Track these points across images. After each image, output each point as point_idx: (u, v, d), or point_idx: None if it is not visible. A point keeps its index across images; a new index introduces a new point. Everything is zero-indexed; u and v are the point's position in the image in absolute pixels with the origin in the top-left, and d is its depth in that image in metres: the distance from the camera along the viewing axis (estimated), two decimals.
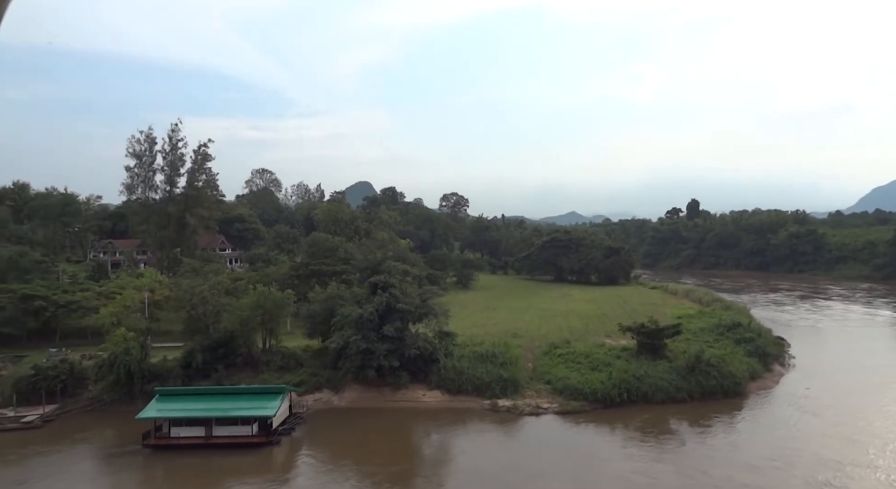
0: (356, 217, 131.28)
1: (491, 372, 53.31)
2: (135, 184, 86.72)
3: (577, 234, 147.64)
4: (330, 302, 59.28)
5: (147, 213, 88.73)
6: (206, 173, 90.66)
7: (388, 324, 53.64)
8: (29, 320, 62.94)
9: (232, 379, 54.59)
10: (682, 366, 52.20)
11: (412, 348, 53.35)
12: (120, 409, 52.21)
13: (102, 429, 49.85)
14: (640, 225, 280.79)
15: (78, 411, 51.77)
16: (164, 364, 55.02)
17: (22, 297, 61.98)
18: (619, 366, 53.06)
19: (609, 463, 41.61)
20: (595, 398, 50.06)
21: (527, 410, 49.82)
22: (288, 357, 57.92)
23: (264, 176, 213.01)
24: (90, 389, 53.37)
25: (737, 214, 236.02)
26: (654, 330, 55.45)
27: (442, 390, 53.49)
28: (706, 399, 51.36)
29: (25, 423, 48.10)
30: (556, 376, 53.62)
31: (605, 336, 68.29)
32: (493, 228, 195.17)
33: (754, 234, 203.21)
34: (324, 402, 53.23)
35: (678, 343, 58.16)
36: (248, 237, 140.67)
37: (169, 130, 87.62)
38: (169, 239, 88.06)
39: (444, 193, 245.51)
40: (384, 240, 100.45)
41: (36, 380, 51.62)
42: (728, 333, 62.91)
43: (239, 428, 44.28)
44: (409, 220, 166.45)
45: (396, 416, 50.87)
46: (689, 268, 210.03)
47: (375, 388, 54.03)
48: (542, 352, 61.10)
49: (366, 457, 43.33)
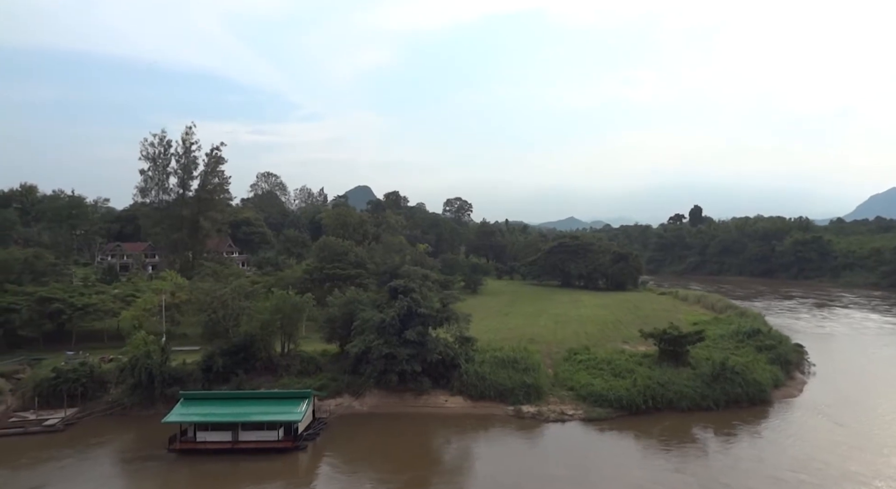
0: (364, 221, 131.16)
1: (513, 377, 53.08)
2: (148, 187, 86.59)
3: (585, 239, 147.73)
4: (349, 306, 59.03)
5: (160, 215, 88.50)
6: (219, 176, 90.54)
7: (409, 328, 53.43)
8: (46, 323, 62.57)
9: (252, 383, 54.33)
10: (707, 373, 52.00)
11: (434, 353, 53.13)
12: (140, 413, 51.94)
13: (124, 433, 49.44)
14: (643, 230, 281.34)
15: (98, 414, 51.44)
16: (184, 367, 54.70)
17: (39, 300, 61.64)
18: (642, 372, 52.87)
19: (630, 472, 41.24)
20: (620, 405, 49.82)
21: (552, 417, 49.54)
22: (307, 361, 57.65)
23: (269, 179, 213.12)
24: (111, 392, 52.99)
25: (740, 221, 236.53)
26: (676, 336, 55.30)
27: (464, 396, 53.22)
28: (731, 407, 51.15)
29: (47, 427, 47.74)
30: (578, 382, 53.39)
31: (622, 342, 68.20)
32: (497, 233, 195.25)
33: (759, 241, 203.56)
34: (345, 407, 52.91)
35: (699, 350, 58.01)
36: (254, 241, 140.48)
37: (183, 133, 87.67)
38: (182, 242, 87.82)
39: (448, 198, 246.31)
40: (401, 244, 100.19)
41: (56, 383, 51.32)
42: (748, 340, 62.79)
43: (265, 433, 43.96)
44: (415, 225, 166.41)
45: (419, 422, 50.56)
46: (694, 274, 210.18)
47: (397, 394, 53.76)
48: (561, 357, 60.89)
49: (389, 463, 43.02)
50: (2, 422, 48.50)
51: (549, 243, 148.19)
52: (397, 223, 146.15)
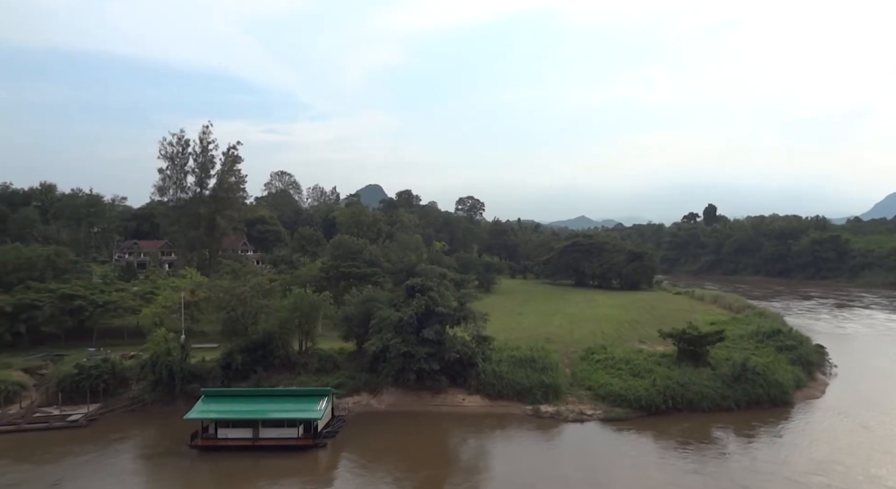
0: (378, 220, 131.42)
1: (531, 377, 52.93)
2: (166, 185, 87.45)
3: (599, 238, 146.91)
4: (366, 304, 59.20)
5: (178, 214, 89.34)
6: (235, 175, 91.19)
7: (427, 327, 53.49)
8: (67, 320, 63.41)
9: (270, 380, 54.69)
10: (728, 373, 51.51)
11: (452, 352, 53.14)
12: (161, 409, 52.48)
13: (145, 429, 50.00)
14: (656, 229, 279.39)
15: (120, 410, 52.05)
16: (204, 365, 55.18)
17: (61, 297, 62.48)
18: (661, 372, 52.48)
19: (648, 473, 40.91)
20: (639, 405, 49.52)
21: (571, 417, 49.36)
22: (325, 359, 57.91)
23: (283, 178, 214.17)
24: (132, 389, 53.60)
25: (756, 220, 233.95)
26: (696, 336, 54.81)
27: (482, 395, 53.17)
28: (752, 408, 50.64)
29: (71, 422, 48.41)
30: (597, 382, 53.14)
31: (639, 342, 67.76)
32: (510, 232, 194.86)
33: (775, 240, 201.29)
34: (363, 405, 53.09)
35: (718, 350, 57.47)
36: (269, 239, 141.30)
37: (200, 133, 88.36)
38: (199, 240, 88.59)
39: (460, 197, 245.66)
40: (417, 242, 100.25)
41: (79, 379, 52.01)
42: (768, 341, 62.11)
43: (285, 430, 44.24)
44: (428, 223, 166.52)
45: (437, 421, 50.60)
46: (708, 273, 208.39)
47: (414, 392, 53.82)
48: (578, 357, 60.62)
49: (407, 461, 43.08)
50: (27, 417, 49.23)
51: (563, 242, 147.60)
52: (410, 222, 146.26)
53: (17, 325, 60.07)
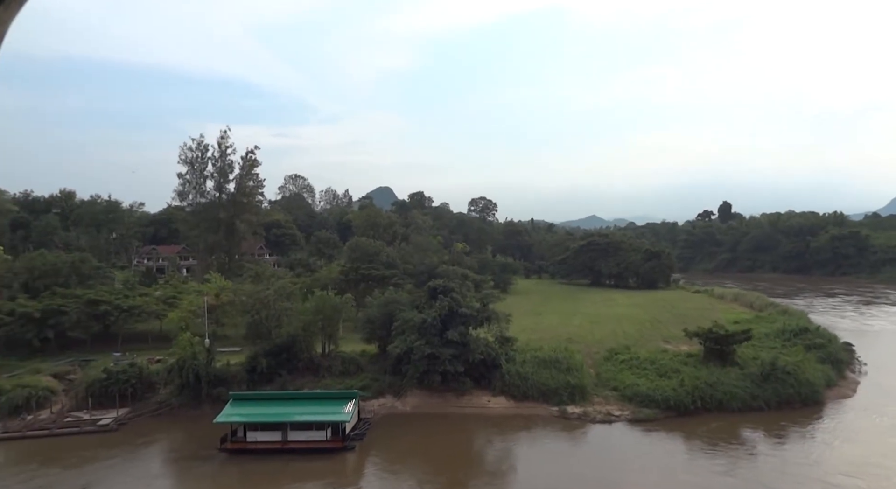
0: (393, 222, 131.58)
1: (556, 378, 52.65)
2: (186, 190, 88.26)
3: (615, 237, 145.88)
4: (388, 307, 59.23)
5: (197, 218, 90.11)
6: (254, 179, 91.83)
7: (450, 329, 53.39)
8: (94, 325, 64.12)
9: (294, 383, 54.86)
10: (757, 372, 50.87)
11: (476, 353, 53.00)
12: (188, 413, 52.83)
13: (173, 433, 50.40)
14: (671, 228, 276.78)
15: (147, 414, 52.45)
16: (229, 368, 55.50)
17: (87, 302, 63.20)
18: (689, 372, 51.96)
19: (677, 474, 40.55)
20: (668, 406, 49.06)
21: (598, 417, 49.02)
22: (348, 362, 58.00)
23: (297, 181, 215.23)
24: (160, 393, 54.03)
25: (773, 217, 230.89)
26: (723, 335, 54.18)
27: (507, 396, 52.98)
28: (782, 407, 49.98)
29: (101, 426, 48.87)
30: (623, 383, 52.73)
31: (662, 341, 67.16)
32: (524, 232, 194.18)
33: (792, 237, 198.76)
34: (388, 407, 53.10)
35: (745, 349, 56.77)
36: (285, 242, 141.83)
37: (218, 137, 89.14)
38: (218, 244, 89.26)
39: (473, 197, 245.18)
40: (437, 244, 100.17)
41: (107, 384, 52.51)
42: (795, 339, 61.23)
43: (313, 433, 44.36)
44: (442, 225, 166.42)
45: (463, 422, 50.48)
46: (725, 271, 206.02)
47: (439, 394, 53.74)
48: (602, 357, 60.21)
49: (433, 463, 43.03)
50: (58, 421, 49.78)
51: (578, 242, 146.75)
52: (424, 223, 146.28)
53: (45, 331, 60.86)
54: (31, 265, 69.52)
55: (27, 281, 68.01)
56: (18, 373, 55.56)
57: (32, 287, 67.04)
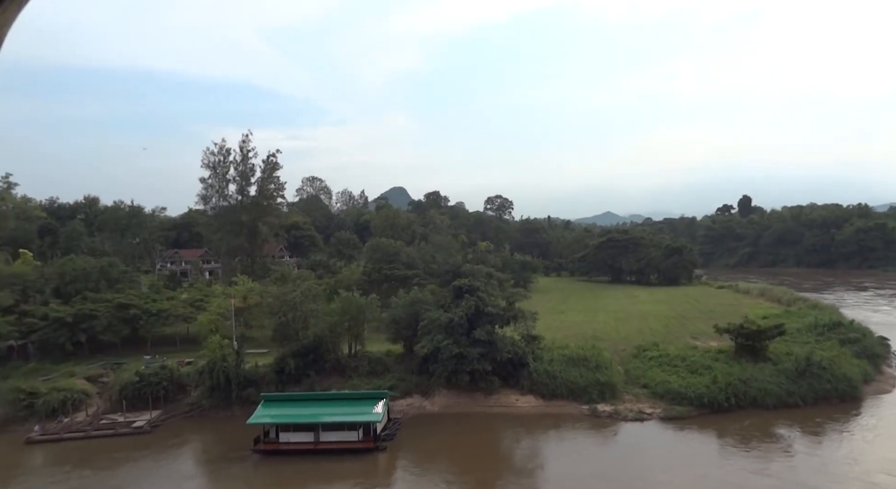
0: (412, 222, 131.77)
1: (585, 376, 52.24)
2: (209, 194, 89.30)
3: (635, 233, 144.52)
4: (414, 306, 59.25)
5: (220, 222, 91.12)
6: (275, 182, 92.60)
7: (477, 328, 53.25)
8: (124, 328, 65.08)
9: (323, 384, 55.11)
10: (791, 368, 49.96)
11: (503, 352, 52.80)
12: (218, 414, 53.35)
13: (205, 434, 50.98)
14: (689, 223, 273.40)
15: (179, 416, 53.07)
16: (257, 370, 55.92)
17: (118, 306, 64.18)
18: (721, 369, 51.18)
19: (710, 472, 39.84)
20: (701, 403, 48.38)
21: (630, 416, 48.52)
22: (375, 362, 58.11)
23: (315, 183, 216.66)
24: (191, 395, 54.65)
25: (795, 210, 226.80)
26: (754, 331, 53.31)
27: (535, 395, 52.69)
28: (819, 404, 49.01)
29: (135, 428, 49.58)
30: (653, 380, 52.16)
31: (690, 337, 66.36)
32: (541, 230, 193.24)
33: (816, 230, 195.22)
34: (416, 408, 53.11)
35: (777, 344, 55.79)
36: (304, 244, 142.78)
37: (240, 141, 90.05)
38: (241, 247, 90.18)
39: (489, 196, 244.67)
40: (458, 242, 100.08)
41: (140, 387, 53.24)
42: (829, 333, 60.07)
43: (345, 433, 44.51)
44: (459, 224, 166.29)
45: (491, 422, 50.30)
46: (746, 266, 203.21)
47: (467, 393, 53.62)
48: (629, 354, 59.64)
49: (464, 463, 42.83)
50: (93, 424, 50.61)
51: (598, 239, 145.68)
52: (442, 223, 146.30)
53: (77, 335, 61.92)
54: (62, 270, 70.79)
55: (58, 286, 69.28)
56: (53, 376, 56.58)
57: (64, 292, 68.26)
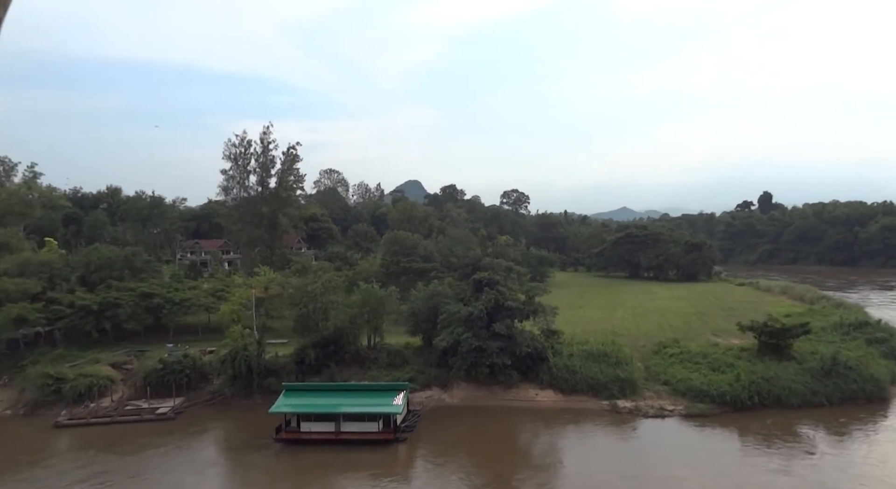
0: (429, 215, 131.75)
1: (605, 371, 51.96)
2: (230, 185, 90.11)
3: (654, 229, 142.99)
4: (433, 299, 59.32)
5: (241, 213, 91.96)
6: (294, 174, 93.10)
7: (497, 321, 53.17)
8: (147, 317, 66.11)
9: (342, 375, 55.50)
10: (816, 367, 49.16)
11: (523, 346, 52.68)
12: (240, 403, 54.07)
13: (227, 422, 51.65)
14: (708, 219, 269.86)
15: (202, 404, 53.87)
16: (278, 360, 56.49)
17: (141, 295, 65.19)
18: (744, 366, 50.56)
19: (731, 471, 39.43)
20: (723, 401, 47.85)
21: (651, 412, 48.20)
22: (394, 354, 58.39)
23: (332, 176, 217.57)
24: (213, 383, 55.40)
25: (817, 206, 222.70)
26: (779, 329, 52.52)
27: (554, 389, 52.57)
28: (845, 404, 48.23)
29: (159, 415, 50.44)
30: (673, 376, 51.70)
31: (711, 334, 65.64)
32: (558, 225, 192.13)
33: (839, 227, 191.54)
34: (436, 400, 53.28)
35: (802, 343, 54.93)
36: (321, 236, 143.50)
37: (261, 133, 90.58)
38: (261, 238, 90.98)
39: (505, 190, 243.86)
40: (477, 236, 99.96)
41: (164, 374, 54.13)
42: (855, 333, 58.96)
43: (365, 424, 44.80)
44: (476, 218, 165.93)
45: (511, 416, 50.30)
46: (766, 263, 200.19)
47: (486, 387, 53.67)
48: (649, 351, 59.17)
49: (482, 456, 42.86)
50: (119, 410, 51.60)
51: (615, 234, 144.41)
52: (459, 216, 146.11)
53: (102, 322, 63.06)
54: (87, 259, 72.04)
55: (84, 274, 70.54)
56: (79, 362, 57.73)
57: (89, 280, 69.49)
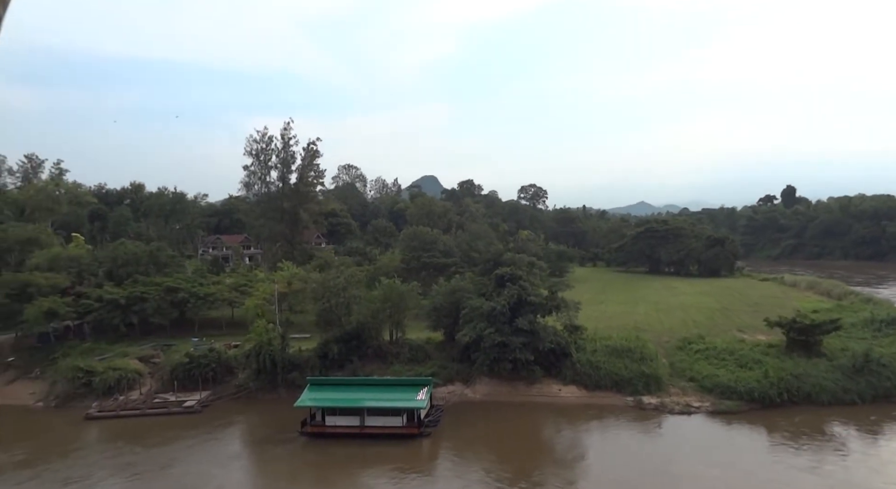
0: (448, 210, 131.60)
1: (630, 367, 51.49)
2: (252, 181, 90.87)
3: (675, 223, 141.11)
4: (455, 295, 59.24)
5: (262, 208, 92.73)
6: (315, 169, 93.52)
7: (519, 317, 52.92)
8: (173, 311, 67.09)
9: (365, 370, 55.76)
10: (847, 364, 48.10)
11: (546, 342, 52.38)
12: (264, 396, 54.62)
13: (251, 416, 52.24)
14: (729, 213, 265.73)
15: (227, 397, 54.54)
16: (301, 354, 56.92)
17: (167, 290, 66.15)
18: (772, 363, 49.68)
19: (759, 469, 38.70)
20: (751, 397, 47.09)
21: (676, 409, 47.66)
22: (415, 349, 58.50)
23: (350, 171, 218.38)
24: (238, 377, 56.04)
25: (843, 200, 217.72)
26: (808, 325, 51.47)
27: (578, 385, 52.24)
28: (877, 402, 47.16)
29: (187, 408, 51.19)
30: (699, 373, 51.02)
31: (736, 330, 64.62)
32: (577, 220, 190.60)
33: (867, 222, 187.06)
34: (458, 395, 53.28)
35: (831, 339, 53.82)
36: (340, 231, 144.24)
37: (282, 129, 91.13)
38: (282, 233, 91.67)
39: (523, 185, 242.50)
40: (497, 231, 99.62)
41: (190, 368, 54.90)
42: (887, 329, 57.55)
43: (390, 418, 45.00)
44: (494, 212, 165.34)
45: (534, 411, 50.11)
46: (790, 258, 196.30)
47: (508, 382, 53.52)
48: (673, 346, 58.47)
49: (503, 452, 42.80)
50: (147, 402, 52.49)
51: (635, 229, 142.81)
52: (477, 211, 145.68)
53: (130, 316, 64.18)
54: (114, 254, 73.32)
55: (111, 269, 71.80)
56: (108, 356, 58.83)
57: (116, 275, 70.71)
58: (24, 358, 61.38)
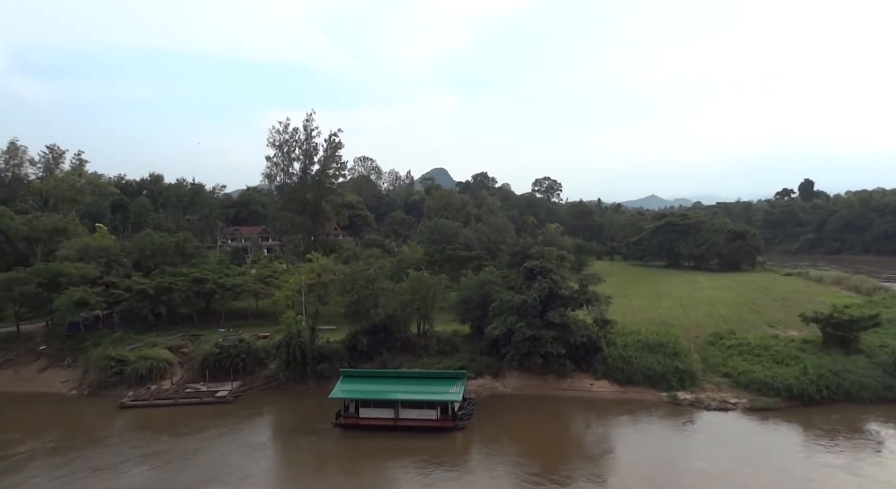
0: (466, 203, 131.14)
1: (663, 362, 50.97)
2: (274, 173, 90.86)
3: (695, 217, 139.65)
4: (484, 288, 58.93)
5: (286, 200, 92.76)
6: (336, 161, 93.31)
7: (550, 310, 52.50)
8: (199, 302, 67.37)
9: (394, 362, 55.72)
10: (889, 361, 47.31)
11: (578, 336, 51.96)
12: (294, 388, 54.75)
13: (281, 406, 52.33)
14: (745, 207, 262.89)
15: (257, 388, 54.73)
16: (329, 346, 56.91)
17: (194, 280, 66.38)
18: (810, 360, 48.94)
19: (794, 468, 38.06)
20: (790, 394, 46.43)
21: (712, 405, 47.12)
22: (444, 342, 58.36)
23: (366, 163, 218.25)
24: (268, 367, 56.18)
25: (863, 194, 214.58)
26: (847, 321, 50.62)
27: (610, 380, 51.83)
28: None
29: (219, 398, 51.42)
30: (734, 369, 50.40)
31: (767, 326, 63.78)
32: (593, 213, 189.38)
33: (889, 216, 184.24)
34: (488, 388, 53.08)
35: (868, 336, 52.93)
36: (357, 223, 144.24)
37: (304, 120, 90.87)
38: (303, 224, 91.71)
39: (537, 178, 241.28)
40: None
41: (220, 358, 55.13)
42: None
43: (424, 411, 44.89)
44: (510, 205, 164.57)
45: (565, 406, 49.80)
46: (809, 253, 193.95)
47: (538, 376, 53.23)
48: (704, 342, 57.80)
49: (534, 446, 42.46)
50: (179, 392, 52.77)
51: (654, 222, 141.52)
52: (494, 204, 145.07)
53: (158, 306, 64.52)
54: (141, 244, 73.71)
55: (139, 259, 72.19)
56: (138, 345, 59.22)
57: (143, 265, 71.09)
58: (55, 347, 61.93)
